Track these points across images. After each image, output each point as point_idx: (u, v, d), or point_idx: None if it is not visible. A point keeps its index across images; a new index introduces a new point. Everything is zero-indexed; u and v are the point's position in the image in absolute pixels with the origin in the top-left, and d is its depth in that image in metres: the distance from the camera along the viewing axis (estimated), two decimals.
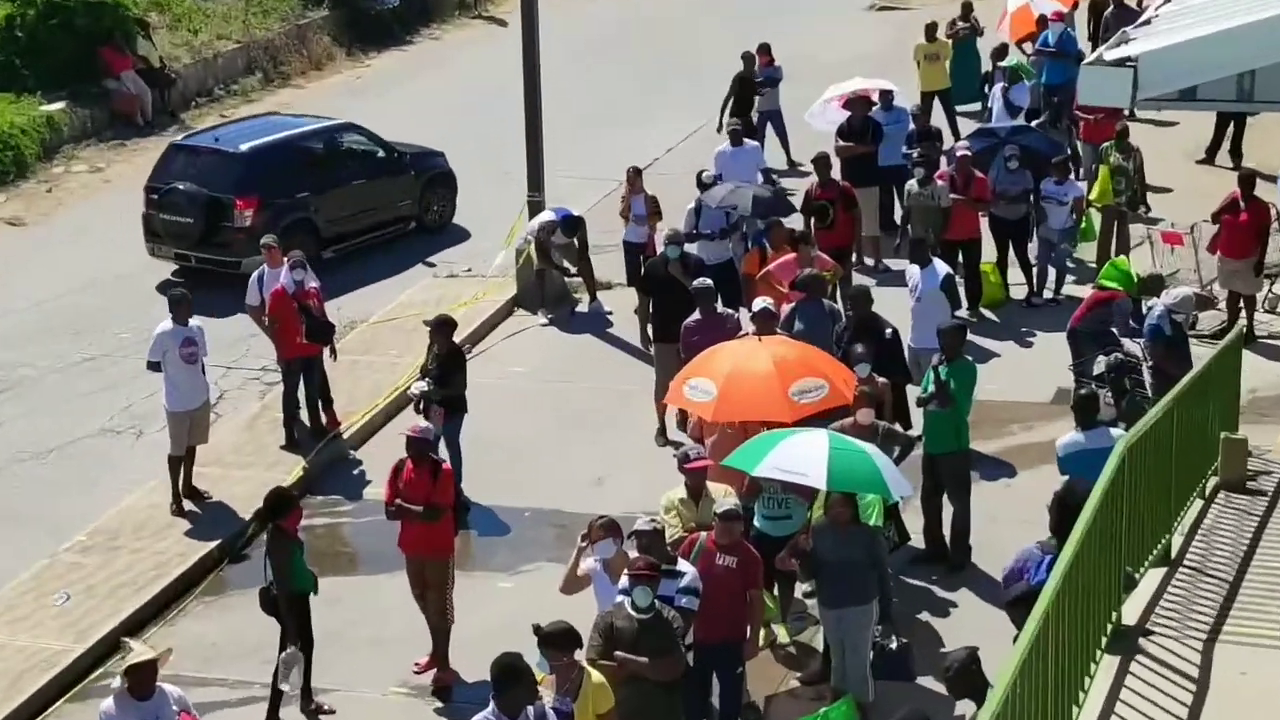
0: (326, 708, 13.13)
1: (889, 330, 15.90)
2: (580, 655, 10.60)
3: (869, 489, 12.50)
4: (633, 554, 11.55)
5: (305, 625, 12.93)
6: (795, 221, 19.65)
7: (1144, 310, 16.63)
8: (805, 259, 17.22)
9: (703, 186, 20.21)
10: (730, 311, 16.84)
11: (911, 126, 22.51)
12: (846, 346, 15.33)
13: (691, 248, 18.77)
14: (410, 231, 23.54)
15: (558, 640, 10.34)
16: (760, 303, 15.74)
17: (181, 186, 21.77)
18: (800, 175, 23.52)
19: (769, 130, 25.27)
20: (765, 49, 25.57)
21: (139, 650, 10.57)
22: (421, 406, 15.78)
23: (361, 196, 23.09)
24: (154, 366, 16.17)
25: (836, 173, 20.71)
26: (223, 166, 22.17)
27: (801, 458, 12.23)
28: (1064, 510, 11.00)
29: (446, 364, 15.90)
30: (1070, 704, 10.11)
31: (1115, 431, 13.37)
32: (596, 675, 10.52)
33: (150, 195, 22.13)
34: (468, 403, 16.09)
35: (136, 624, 14.38)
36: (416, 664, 13.57)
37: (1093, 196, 20.86)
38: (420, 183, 23.87)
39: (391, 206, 23.47)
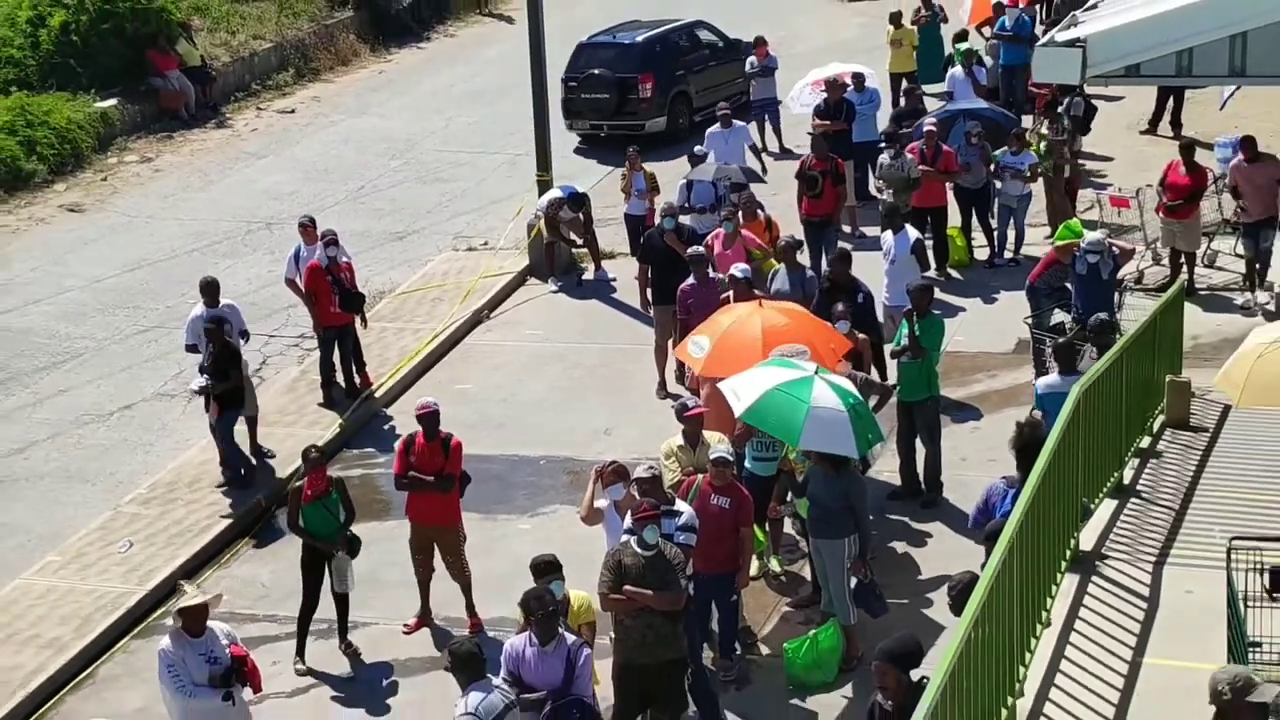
0: (355, 648, 13.14)
1: (861, 293, 15.85)
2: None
3: (776, 433, 12.44)
4: (635, 495, 11.57)
5: (320, 571, 12.89)
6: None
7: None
8: (731, 237, 17.14)
9: (695, 161, 20.26)
10: (721, 276, 16.77)
11: (903, 104, 22.98)
12: (823, 303, 15.28)
13: (684, 220, 18.74)
14: (745, 104, 25.40)
15: (541, 569, 10.72)
16: (737, 269, 15.72)
17: (597, 71, 25.68)
18: (792, 158, 23.33)
19: (765, 117, 25.16)
20: (761, 41, 25.47)
21: (191, 594, 10.64)
22: (204, 401, 15.59)
23: (714, 75, 26.90)
24: (191, 349, 16.16)
25: None
26: (625, 54, 26.20)
27: (748, 384, 12.23)
28: (1029, 447, 10.99)
29: (221, 361, 15.46)
30: (1035, 622, 10.15)
31: None
32: (576, 595, 11.02)
33: (569, 84, 25.92)
34: (244, 399, 15.76)
35: (194, 568, 14.44)
36: (405, 625, 13.44)
37: None
38: (744, 67, 26.07)
39: (732, 84, 26.49)
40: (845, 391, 12.27)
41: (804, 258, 17.49)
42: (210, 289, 16.14)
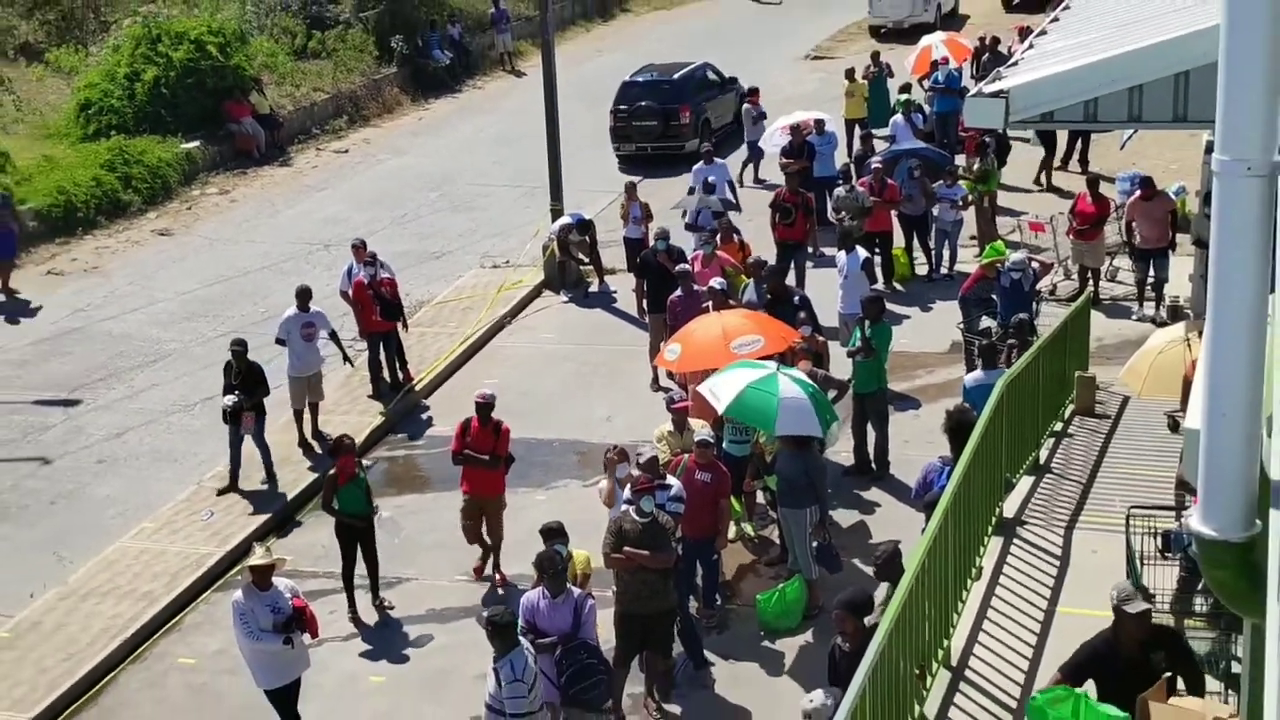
0: (388, 603, 13.12)
1: (798, 297, 15.92)
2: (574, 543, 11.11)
3: (755, 423, 12.41)
4: (634, 472, 11.56)
5: (353, 539, 12.83)
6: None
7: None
8: (708, 258, 17.15)
9: (709, 189, 20.37)
10: (702, 288, 16.74)
11: (860, 148, 23.04)
12: (768, 312, 15.31)
13: (689, 238, 18.93)
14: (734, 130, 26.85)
15: (548, 533, 10.82)
16: (715, 281, 15.73)
17: (644, 103, 26.48)
18: (769, 188, 23.31)
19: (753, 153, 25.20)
20: (754, 91, 25.63)
21: (260, 555, 10.66)
22: (229, 416, 14.88)
23: (722, 105, 27.70)
24: (280, 342, 16.06)
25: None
26: (666, 90, 26.86)
27: (724, 385, 12.24)
28: (959, 430, 10.98)
29: (249, 379, 14.93)
30: (966, 577, 10.15)
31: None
32: (578, 553, 11.15)
33: (618, 114, 26.74)
34: (266, 409, 15.27)
35: (265, 532, 14.40)
36: (475, 569, 13.41)
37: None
38: (736, 99, 27.41)
39: (728, 114, 27.55)
40: (804, 382, 12.31)
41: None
42: (303, 295, 16.08)
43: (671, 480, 11.67)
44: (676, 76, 27.32)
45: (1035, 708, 7.69)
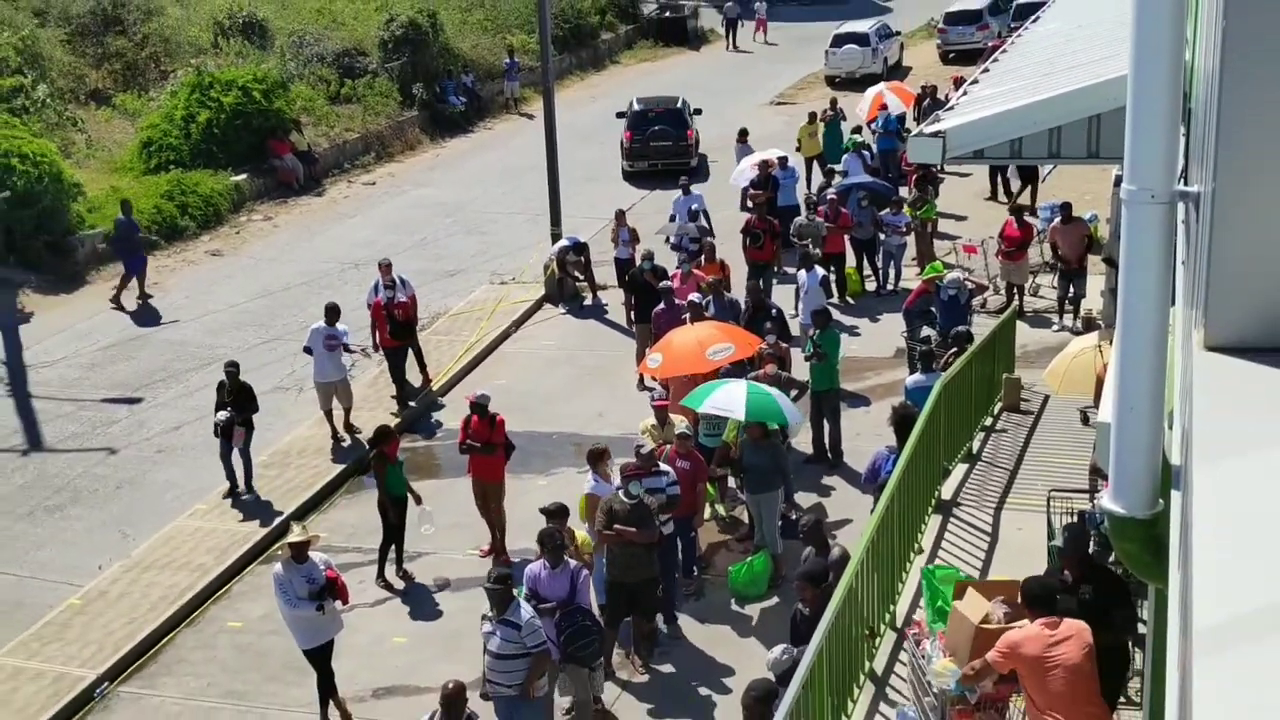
0: (410, 573, 13.06)
1: (775, 309, 15.95)
2: (571, 522, 11.07)
3: (773, 419, 12.36)
4: (616, 467, 11.57)
5: (401, 517, 12.83)
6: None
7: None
8: (686, 276, 17.22)
9: (694, 217, 20.28)
10: (681, 302, 16.78)
11: (822, 181, 23.11)
12: (749, 321, 15.33)
13: (673, 258, 18.89)
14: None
15: (550, 514, 10.75)
16: (693, 296, 15.79)
17: (657, 127, 27.21)
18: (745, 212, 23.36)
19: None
20: (745, 132, 25.64)
21: (298, 533, 10.63)
22: (221, 430, 14.28)
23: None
24: (307, 351, 15.98)
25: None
26: (672, 117, 27.64)
27: (729, 399, 12.23)
28: (902, 424, 11.01)
29: (240, 397, 14.37)
30: (909, 550, 10.16)
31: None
32: (580, 534, 11.14)
33: (635, 135, 27.31)
34: (254, 424, 14.70)
35: (302, 513, 14.34)
36: (481, 550, 13.31)
37: None
38: (693, 119, 28.34)
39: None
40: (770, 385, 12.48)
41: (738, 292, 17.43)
42: (332, 311, 15.91)
43: (665, 467, 11.67)
44: (678, 105, 28.05)
45: (928, 579, 8.22)
